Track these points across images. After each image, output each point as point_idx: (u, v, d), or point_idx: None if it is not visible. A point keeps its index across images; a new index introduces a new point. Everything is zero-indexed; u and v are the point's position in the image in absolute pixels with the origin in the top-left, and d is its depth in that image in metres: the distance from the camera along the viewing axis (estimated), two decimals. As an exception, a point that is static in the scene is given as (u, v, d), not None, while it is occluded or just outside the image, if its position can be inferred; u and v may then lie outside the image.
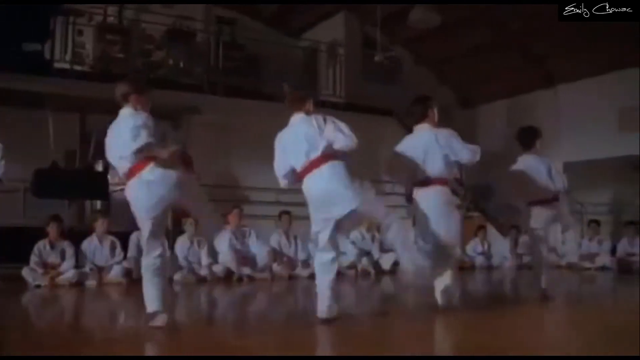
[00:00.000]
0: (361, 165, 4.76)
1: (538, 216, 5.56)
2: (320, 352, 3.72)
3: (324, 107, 11.86)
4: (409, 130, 5.07)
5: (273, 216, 9.64)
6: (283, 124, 4.51)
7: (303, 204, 4.48)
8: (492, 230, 10.52)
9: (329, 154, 4.28)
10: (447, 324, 4.32)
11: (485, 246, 11.31)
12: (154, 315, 4.09)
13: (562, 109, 12.93)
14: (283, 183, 4.52)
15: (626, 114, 11.65)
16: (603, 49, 11.22)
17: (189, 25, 11.75)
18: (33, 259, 7.69)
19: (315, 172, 4.29)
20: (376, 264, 9.72)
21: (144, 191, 4.01)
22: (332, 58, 12.95)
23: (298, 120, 4.46)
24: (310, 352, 3.59)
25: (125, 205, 4.14)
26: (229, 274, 8.48)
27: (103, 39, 10.59)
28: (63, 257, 7.92)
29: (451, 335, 4.17)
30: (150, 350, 3.78)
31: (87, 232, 8.47)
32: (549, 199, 5.57)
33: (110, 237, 8.42)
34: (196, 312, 5.86)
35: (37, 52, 10.13)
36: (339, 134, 4.27)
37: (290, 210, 9.34)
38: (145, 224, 4.09)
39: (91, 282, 7.84)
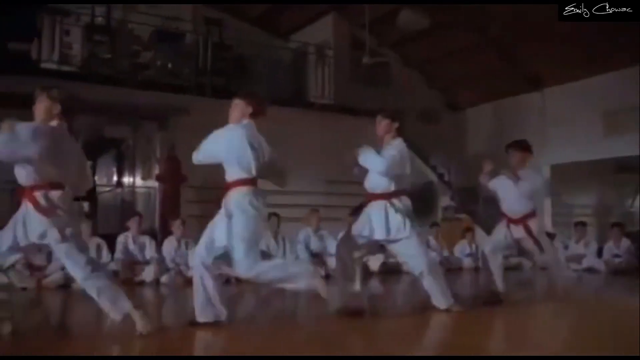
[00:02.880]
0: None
1: None
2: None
3: (313, 109, 11.91)
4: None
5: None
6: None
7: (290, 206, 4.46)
8: (480, 232, 10.55)
9: None
10: (437, 325, 4.32)
11: (473, 248, 11.31)
12: None
13: (548, 112, 13.04)
14: None
15: (610, 117, 11.80)
16: (588, 53, 11.33)
17: (177, 26, 11.72)
18: None
19: None
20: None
21: None
22: (320, 60, 12.95)
23: None
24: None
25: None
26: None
27: (90, 39, 10.53)
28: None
29: (440, 335, 4.17)
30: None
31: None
32: None
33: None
34: (183, 314, 5.83)
35: (24, 52, 10.08)
36: None
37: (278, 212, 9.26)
38: None
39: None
